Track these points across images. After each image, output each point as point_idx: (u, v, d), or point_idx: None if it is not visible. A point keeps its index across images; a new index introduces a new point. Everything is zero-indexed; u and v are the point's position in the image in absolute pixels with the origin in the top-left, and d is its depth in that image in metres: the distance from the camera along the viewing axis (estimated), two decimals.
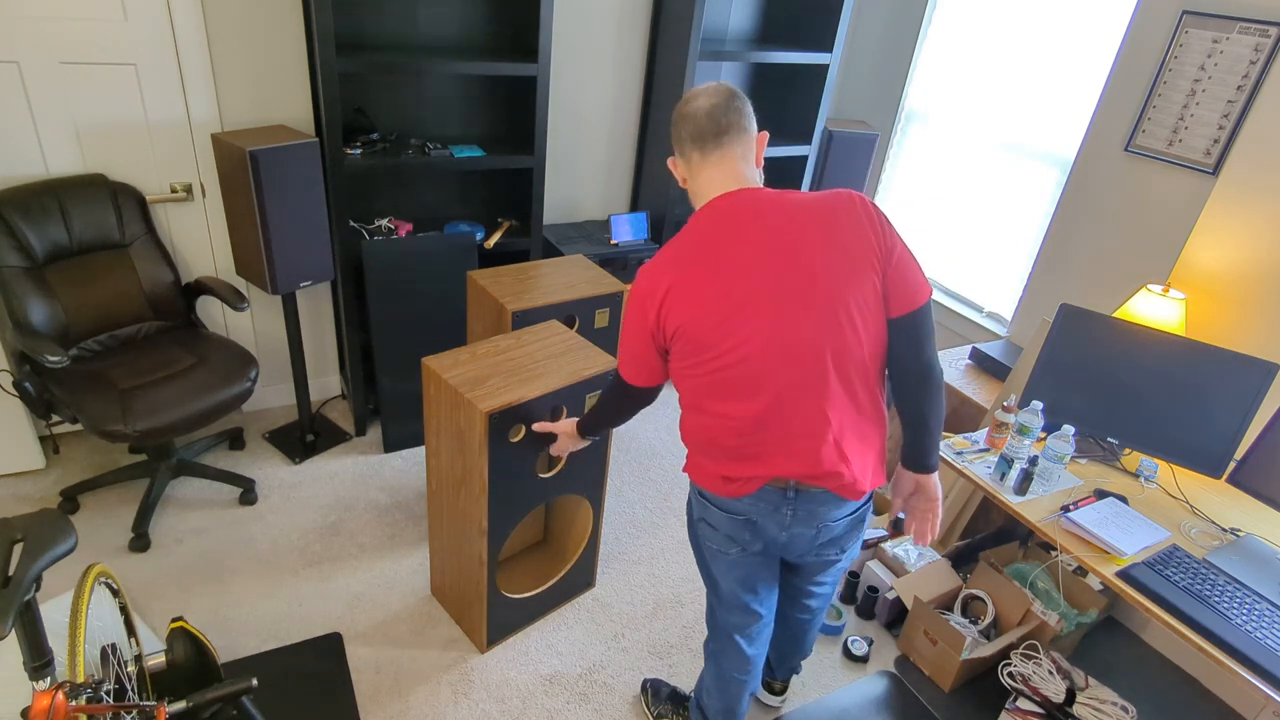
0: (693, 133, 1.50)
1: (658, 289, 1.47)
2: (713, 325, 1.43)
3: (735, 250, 1.42)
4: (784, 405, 1.44)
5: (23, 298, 2.35)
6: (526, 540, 2.57)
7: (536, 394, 1.93)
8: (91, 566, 1.67)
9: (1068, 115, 2.98)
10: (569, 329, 2.24)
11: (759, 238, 1.42)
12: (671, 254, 1.48)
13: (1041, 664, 2.25)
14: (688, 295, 1.44)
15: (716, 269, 1.42)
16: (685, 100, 1.53)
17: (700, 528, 1.69)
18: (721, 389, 1.47)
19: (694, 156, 1.51)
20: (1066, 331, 2.22)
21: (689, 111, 1.51)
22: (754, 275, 1.41)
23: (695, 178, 1.53)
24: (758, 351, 1.42)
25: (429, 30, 2.85)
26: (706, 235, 1.45)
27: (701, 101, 1.49)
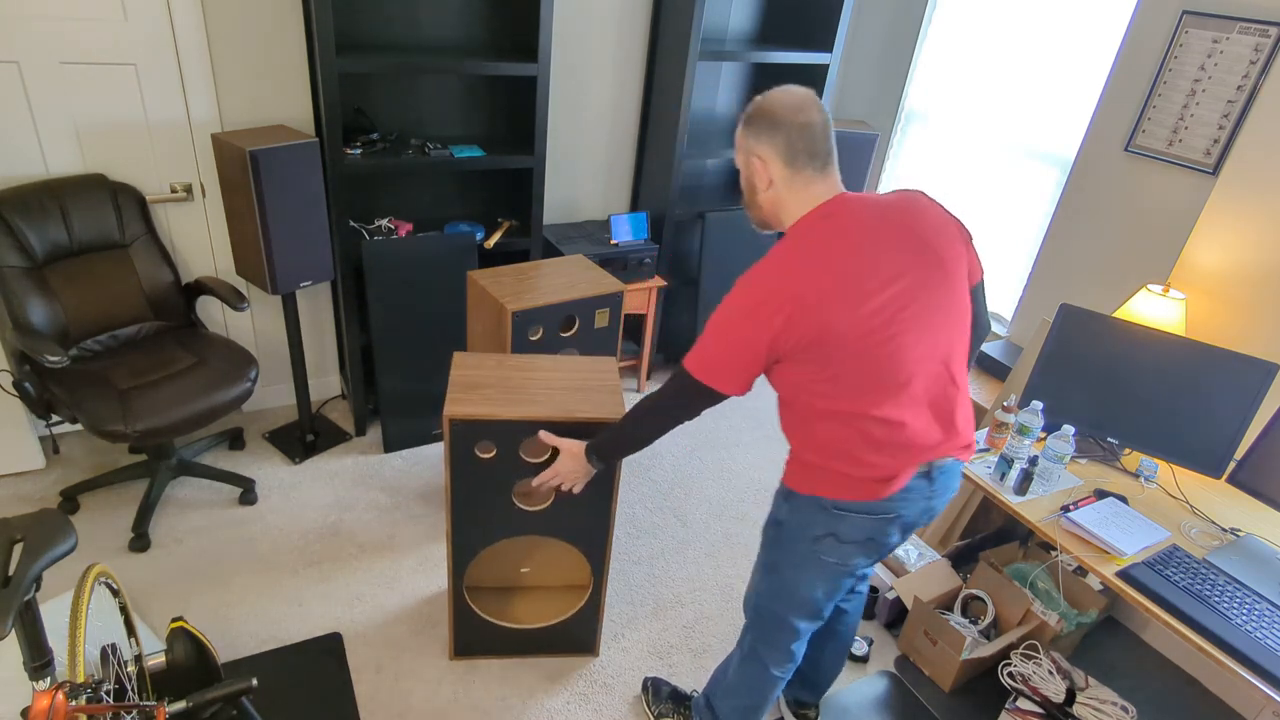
0: (809, 148, 1.45)
1: (785, 299, 1.39)
2: (866, 330, 1.41)
3: (870, 250, 1.42)
4: (929, 389, 1.50)
5: (23, 298, 2.35)
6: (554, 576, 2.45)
7: (510, 416, 1.86)
8: (91, 566, 1.67)
9: (1068, 115, 2.98)
10: (612, 367, 2.13)
11: (888, 235, 1.44)
12: (795, 262, 1.41)
13: (1041, 664, 2.25)
14: (828, 303, 1.39)
15: (859, 273, 1.40)
16: (795, 109, 1.45)
17: (824, 545, 1.59)
18: (876, 390, 1.45)
19: (806, 171, 1.46)
20: (1066, 331, 2.22)
21: (805, 123, 1.45)
22: (894, 272, 1.43)
23: (795, 190, 1.48)
24: (910, 345, 1.45)
25: (429, 30, 2.85)
26: (832, 240, 1.42)
27: (816, 116, 1.45)
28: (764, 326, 1.41)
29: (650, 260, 3.35)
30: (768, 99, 1.49)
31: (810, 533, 1.60)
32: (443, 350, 3.00)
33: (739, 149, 1.55)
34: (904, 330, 1.44)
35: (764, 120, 1.47)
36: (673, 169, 3.30)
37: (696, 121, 3.68)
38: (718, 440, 3.39)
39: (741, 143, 1.53)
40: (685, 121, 3.21)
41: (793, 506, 1.61)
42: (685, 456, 3.26)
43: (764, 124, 1.47)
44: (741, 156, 1.54)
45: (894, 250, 1.44)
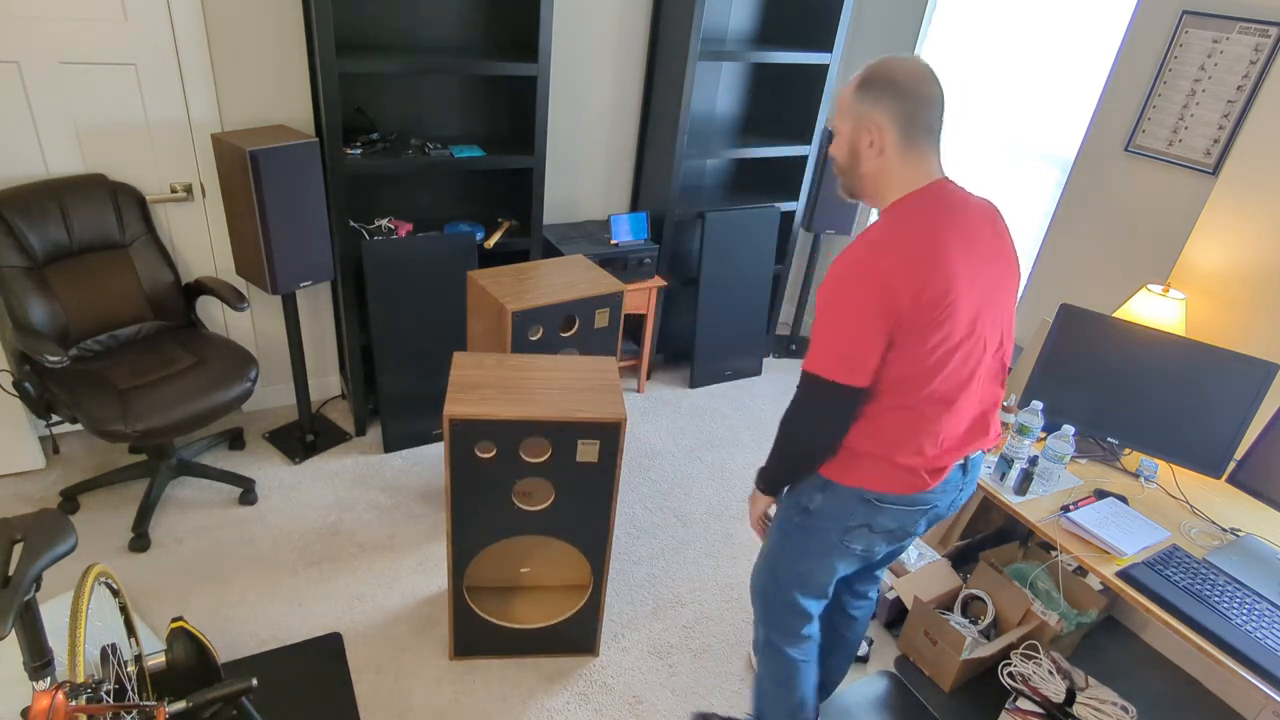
0: (928, 121, 1.42)
1: (907, 276, 1.35)
2: (967, 321, 1.42)
3: (978, 245, 1.44)
4: (982, 383, 1.54)
5: (23, 298, 2.34)
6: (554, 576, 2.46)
7: (510, 416, 1.87)
8: (91, 566, 1.67)
9: (1068, 115, 2.98)
10: (612, 367, 2.13)
11: (988, 234, 1.46)
12: (915, 240, 1.38)
13: (1041, 664, 2.25)
14: (947, 285, 1.37)
15: (969, 264, 1.40)
16: (920, 79, 1.40)
17: (855, 534, 1.60)
18: (954, 382, 1.46)
19: (919, 145, 1.43)
20: (1066, 331, 2.22)
21: (928, 95, 1.41)
22: (991, 271, 1.45)
23: (907, 164, 1.44)
24: (988, 341, 1.48)
25: (429, 30, 2.85)
26: (949, 225, 1.40)
27: (937, 90, 1.42)
28: (887, 295, 1.36)
29: (650, 260, 3.35)
30: (888, 65, 1.42)
31: (844, 523, 1.59)
32: (443, 350, 3.00)
33: (845, 113, 1.46)
34: (985, 327, 1.47)
35: (886, 86, 1.41)
36: (673, 169, 3.30)
37: (696, 121, 3.68)
38: (717, 440, 3.39)
39: (851, 107, 1.45)
40: (685, 121, 3.21)
41: (829, 496, 1.59)
42: (685, 456, 3.26)
43: (886, 90, 1.41)
44: (848, 122, 1.46)
45: (992, 250, 1.46)
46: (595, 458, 1.96)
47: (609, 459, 1.97)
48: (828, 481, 1.58)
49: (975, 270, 1.42)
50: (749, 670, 2.34)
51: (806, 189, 3.71)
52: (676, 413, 3.55)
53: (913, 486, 1.53)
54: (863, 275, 1.38)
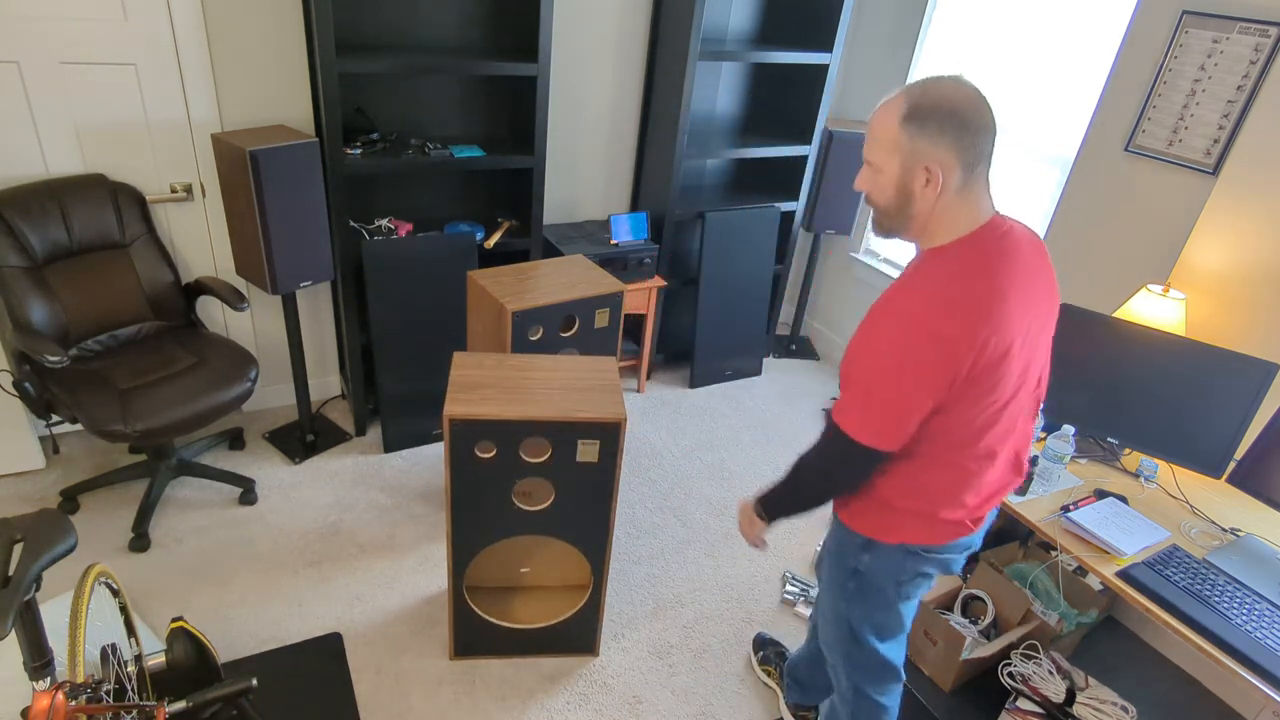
0: (988, 154, 1.28)
1: (969, 328, 1.24)
2: (1018, 372, 1.33)
3: (1032, 291, 1.33)
4: (1021, 434, 1.48)
5: (23, 298, 2.34)
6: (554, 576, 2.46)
7: (510, 416, 1.87)
8: (91, 566, 1.67)
9: (1068, 115, 2.98)
10: (612, 367, 2.14)
11: (1041, 277, 1.36)
12: (969, 285, 1.26)
13: (1041, 664, 2.25)
14: (1007, 329, 1.26)
15: (1025, 314, 1.30)
16: (978, 107, 1.24)
17: (910, 585, 1.57)
18: (998, 431, 1.39)
19: (980, 184, 1.29)
20: (1066, 331, 2.22)
21: (989, 124, 1.25)
22: (1040, 319, 1.36)
23: (967, 203, 1.30)
24: (1026, 383, 1.39)
25: (429, 30, 2.85)
26: (1000, 267, 1.28)
27: (992, 117, 1.25)
28: (953, 360, 1.24)
29: (650, 260, 3.35)
30: (943, 91, 1.24)
31: (896, 579, 1.56)
32: (443, 350, 3.00)
33: (892, 149, 1.28)
34: (1031, 371, 1.39)
35: (948, 118, 1.23)
36: (673, 169, 3.30)
37: (696, 121, 3.68)
38: (717, 440, 3.39)
39: (902, 142, 1.26)
40: (685, 121, 3.21)
41: (875, 555, 1.54)
42: (685, 456, 3.26)
43: (948, 122, 1.23)
44: (896, 159, 1.28)
45: (1042, 291, 1.37)
46: (595, 458, 1.96)
47: (609, 459, 1.97)
48: (871, 541, 1.53)
49: (1030, 319, 1.32)
50: (749, 670, 2.34)
51: (806, 189, 3.71)
52: (676, 413, 3.55)
53: (957, 535, 1.49)
54: (920, 338, 1.25)
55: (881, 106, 1.30)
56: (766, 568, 2.73)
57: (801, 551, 2.82)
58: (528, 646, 2.27)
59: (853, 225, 3.82)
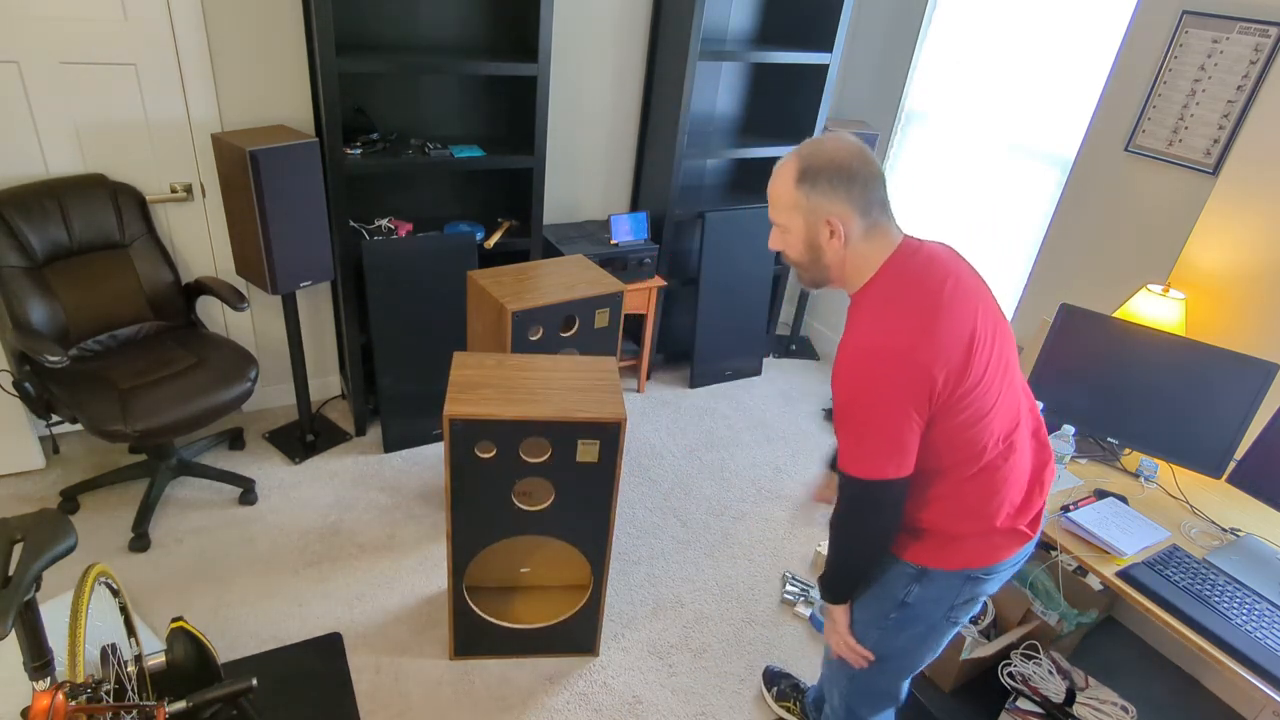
0: (881, 195, 1.35)
1: (926, 335, 1.29)
2: (990, 368, 1.37)
3: (958, 289, 1.37)
4: (1029, 412, 1.51)
5: (23, 298, 2.34)
6: (554, 576, 2.46)
7: (510, 416, 1.86)
8: (91, 566, 1.67)
9: (1068, 115, 2.98)
10: (612, 367, 2.13)
11: (962, 277, 1.40)
12: (907, 302, 1.32)
13: (1041, 664, 2.25)
14: (947, 341, 1.31)
15: (956, 311, 1.34)
16: (863, 157, 1.32)
17: (960, 610, 1.54)
18: (994, 417, 1.40)
19: (881, 221, 1.36)
20: (1066, 331, 2.22)
21: (876, 172, 1.33)
22: (979, 297, 1.39)
23: (873, 243, 1.37)
24: (1003, 370, 1.40)
25: (429, 30, 2.85)
26: (929, 276, 1.35)
27: (876, 165, 1.34)
28: (920, 380, 1.30)
29: (650, 260, 3.35)
30: (824, 150, 1.32)
31: (949, 603, 1.53)
32: (443, 350, 3.00)
33: (791, 208, 1.36)
34: (1007, 357, 1.43)
35: (835, 174, 1.31)
36: (673, 169, 3.30)
37: (696, 121, 3.68)
38: (717, 440, 3.39)
39: (798, 201, 1.34)
40: (685, 121, 3.21)
41: (927, 584, 1.51)
42: (685, 456, 3.26)
43: (836, 178, 1.31)
44: (798, 217, 1.36)
45: (977, 288, 1.41)
46: (595, 458, 1.96)
47: (609, 459, 1.97)
48: (925, 570, 1.50)
49: (975, 303, 1.38)
50: (748, 671, 2.34)
51: None
52: (676, 413, 3.55)
53: (1018, 544, 1.48)
54: (882, 363, 1.30)
55: (776, 171, 1.38)
56: (766, 568, 2.73)
57: (801, 551, 2.82)
58: (528, 646, 2.27)
59: None
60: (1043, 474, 1.53)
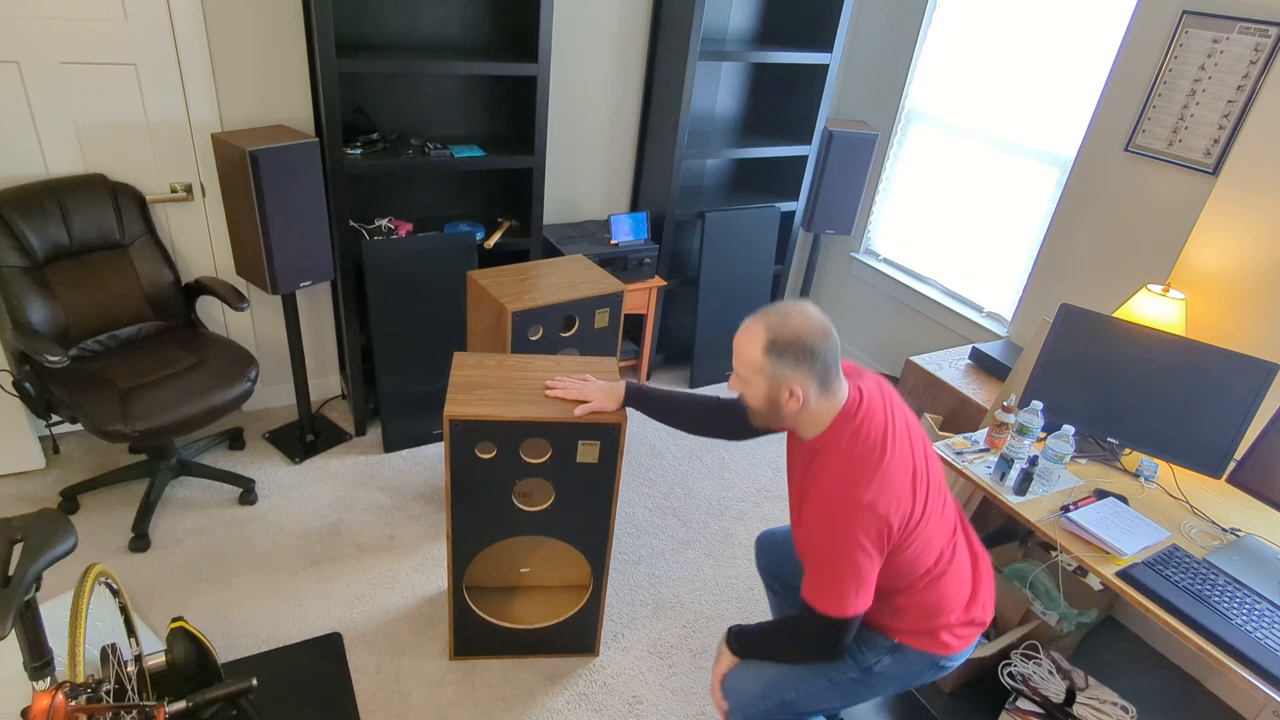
0: (836, 363, 1.51)
1: (882, 495, 1.46)
2: (922, 481, 1.54)
3: (895, 431, 1.54)
4: (957, 515, 1.71)
5: (23, 298, 2.34)
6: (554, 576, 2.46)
7: (510, 417, 1.86)
8: (91, 566, 1.67)
9: (1068, 115, 2.98)
10: (613, 367, 2.12)
11: (894, 414, 1.58)
12: (862, 460, 1.49)
13: (1041, 664, 2.25)
14: (898, 486, 1.49)
15: (899, 454, 1.51)
16: (823, 333, 1.48)
17: (909, 686, 1.71)
18: (935, 533, 1.57)
19: (835, 384, 1.52)
20: (1066, 331, 2.22)
21: (834, 346, 1.50)
22: (911, 446, 1.56)
23: (827, 401, 1.53)
24: (930, 490, 1.57)
25: (429, 30, 2.85)
26: (872, 432, 1.51)
27: (835, 338, 1.50)
28: (885, 532, 1.46)
29: (650, 260, 3.35)
30: (790, 325, 1.47)
31: (905, 683, 1.68)
32: (443, 350, 3.00)
33: (756, 371, 1.51)
34: (940, 486, 1.61)
35: (799, 350, 1.47)
36: (673, 169, 3.30)
37: (696, 121, 3.68)
38: (717, 440, 3.39)
39: (767, 368, 1.49)
40: (685, 121, 3.21)
41: (899, 658, 1.64)
42: (685, 457, 3.26)
43: (801, 354, 1.47)
44: (762, 379, 1.51)
45: (908, 419, 1.61)
46: (595, 458, 1.96)
47: (609, 459, 1.97)
48: (901, 645, 1.63)
49: (910, 439, 1.57)
50: None
51: (806, 189, 3.71)
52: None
53: (976, 632, 1.66)
54: (855, 516, 1.45)
55: (745, 331, 1.52)
56: None
57: None
58: (528, 646, 2.27)
59: (852, 225, 3.82)
60: (978, 564, 1.70)
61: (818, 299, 4.29)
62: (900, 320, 3.78)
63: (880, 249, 3.92)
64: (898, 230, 3.81)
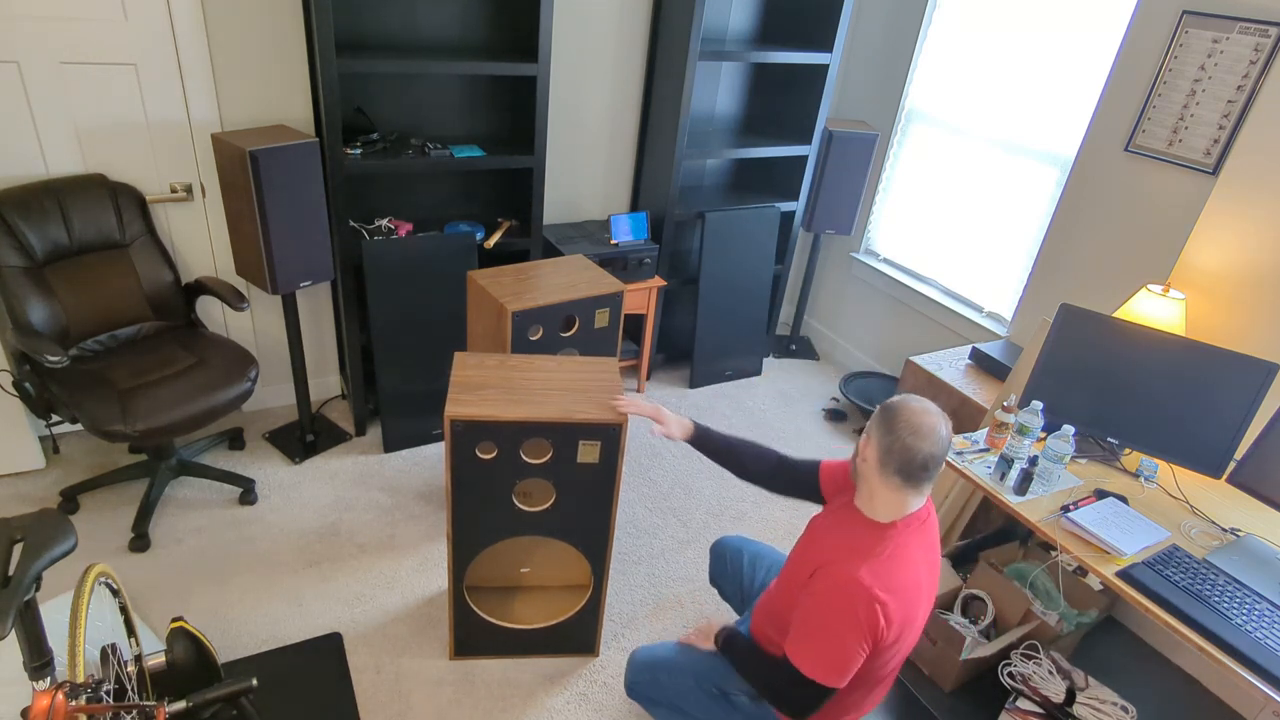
0: (902, 467, 1.53)
1: (894, 613, 1.52)
2: (909, 642, 1.64)
3: (925, 574, 1.61)
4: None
5: (23, 298, 2.34)
6: (554, 576, 2.46)
7: (511, 417, 1.86)
8: (91, 566, 1.67)
9: (1068, 115, 2.98)
10: (613, 367, 2.13)
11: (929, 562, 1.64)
12: (880, 570, 1.53)
13: (1041, 664, 2.25)
14: (914, 622, 1.59)
15: (920, 593, 1.59)
16: (912, 429, 1.51)
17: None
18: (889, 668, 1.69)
19: (895, 480, 1.55)
20: (1066, 331, 2.22)
21: (910, 449, 1.51)
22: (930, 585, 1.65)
23: (885, 492, 1.58)
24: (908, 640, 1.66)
25: (429, 30, 2.85)
26: (912, 557, 1.57)
27: (925, 447, 1.51)
28: (880, 635, 1.54)
29: (650, 260, 3.35)
30: (903, 403, 1.56)
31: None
32: (443, 350, 3.00)
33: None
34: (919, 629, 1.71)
35: (891, 420, 1.55)
36: (673, 169, 3.30)
37: (696, 121, 3.68)
38: None
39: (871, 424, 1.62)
40: (685, 121, 3.21)
41: (759, 709, 1.76)
42: (685, 457, 3.26)
43: (891, 424, 1.55)
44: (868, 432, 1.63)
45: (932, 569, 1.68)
46: (596, 458, 1.96)
47: (610, 459, 1.97)
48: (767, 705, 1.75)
49: (927, 595, 1.64)
50: None
51: (806, 189, 3.71)
52: (677, 412, 3.55)
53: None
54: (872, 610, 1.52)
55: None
56: None
57: None
58: (528, 646, 2.27)
59: (852, 225, 3.82)
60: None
61: (818, 299, 4.29)
62: (900, 320, 3.78)
63: (880, 249, 3.92)
64: (898, 230, 3.81)
